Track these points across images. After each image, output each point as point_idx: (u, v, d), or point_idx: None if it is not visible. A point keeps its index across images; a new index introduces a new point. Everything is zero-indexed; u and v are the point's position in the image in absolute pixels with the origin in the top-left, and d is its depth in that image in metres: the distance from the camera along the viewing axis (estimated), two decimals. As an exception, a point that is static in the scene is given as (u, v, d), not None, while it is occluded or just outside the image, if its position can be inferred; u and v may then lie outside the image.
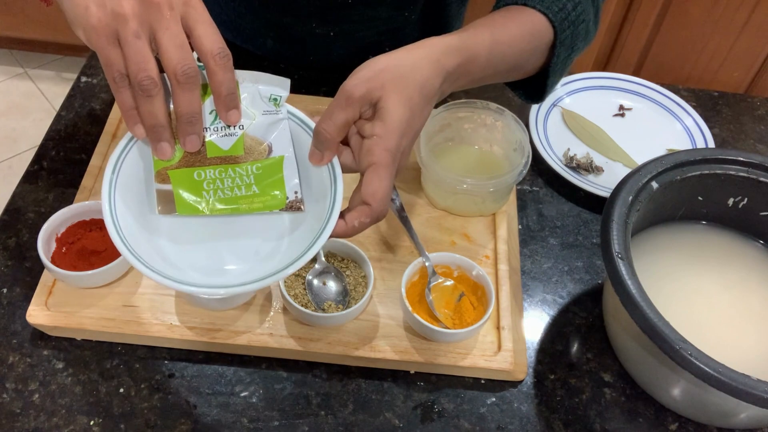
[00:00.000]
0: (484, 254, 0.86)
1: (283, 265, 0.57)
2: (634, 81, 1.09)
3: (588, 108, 1.06)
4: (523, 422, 0.75)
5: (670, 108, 1.07)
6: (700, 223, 0.84)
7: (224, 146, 0.60)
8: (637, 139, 1.03)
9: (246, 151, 0.61)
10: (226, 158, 0.60)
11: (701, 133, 1.03)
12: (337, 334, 0.77)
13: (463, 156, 0.92)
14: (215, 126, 0.60)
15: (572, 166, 0.97)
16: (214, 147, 0.60)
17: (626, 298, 0.66)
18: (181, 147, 0.59)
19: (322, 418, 0.74)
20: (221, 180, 0.60)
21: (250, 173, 0.60)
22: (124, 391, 0.74)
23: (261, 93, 0.62)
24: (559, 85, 1.07)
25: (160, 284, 0.55)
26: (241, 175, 0.60)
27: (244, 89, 0.61)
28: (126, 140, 0.60)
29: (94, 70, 1.03)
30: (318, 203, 0.61)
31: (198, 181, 0.59)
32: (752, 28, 1.70)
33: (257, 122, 0.61)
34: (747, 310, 0.78)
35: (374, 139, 0.58)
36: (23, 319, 0.77)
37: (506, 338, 0.78)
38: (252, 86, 0.61)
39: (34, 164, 0.92)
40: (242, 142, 0.61)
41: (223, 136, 0.60)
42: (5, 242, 0.84)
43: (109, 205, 0.58)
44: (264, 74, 0.61)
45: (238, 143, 0.60)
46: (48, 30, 2.23)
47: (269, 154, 0.61)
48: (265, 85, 0.62)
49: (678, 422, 0.76)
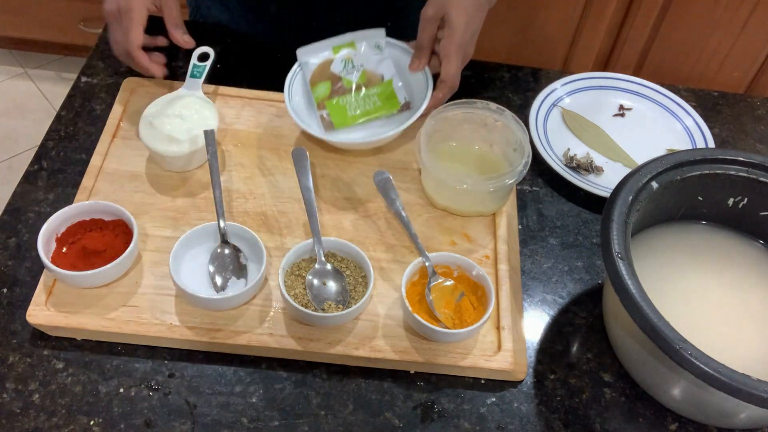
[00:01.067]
0: (484, 254, 0.86)
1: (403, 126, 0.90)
2: (634, 81, 1.09)
3: (588, 108, 1.06)
4: (523, 422, 0.75)
5: (670, 108, 1.07)
6: (700, 223, 0.84)
7: (353, 79, 0.94)
8: (637, 139, 1.03)
9: (367, 80, 0.94)
10: (357, 86, 0.94)
11: (701, 133, 1.03)
12: (337, 334, 0.77)
13: (463, 156, 0.92)
14: (347, 69, 0.94)
15: (572, 166, 0.97)
16: (348, 81, 0.94)
17: (626, 298, 0.66)
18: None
19: (322, 418, 0.74)
20: (356, 101, 0.93)
21: (373, 93, 0.94)
22: (124, 391, 0.74)
23: (368, 44, 0.95)
24: (560, 85, 1.07)
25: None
26: (368, 96, 0.94)
27: (358, 45, 0.95)
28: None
29: (94, 70, 1.03)
30: (419, 101, 0.92)
31: (342, 105, 0.93)
32: (752, 28, 1.70)
33: (370, 62, 0.95)
34: (747, 310, 0.78)
35: (445, 39, 0.89)
36: (23, 319, 0.77)
37: (506, 338, 0.78)
38: (362, 42, 0.95)
39: (34, 164, 0.92)
40: (365, 75, 0.94)
41: (352, 74, 0.94)
42: (5, 242, 0.84)
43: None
44: (367, 31, 0.94)
45: (362, 76, 0.94)
46: (48, 30, 2.22)
47: (383, 80, 0.94)
48: (370, 39, 0.95)
49: (678, 422, 0.76)
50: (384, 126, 0.94)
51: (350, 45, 0.95)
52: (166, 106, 0.90)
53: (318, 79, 0.94)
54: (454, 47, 0.88)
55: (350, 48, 0.95)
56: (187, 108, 0.90)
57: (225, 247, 0.81)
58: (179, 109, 0.89)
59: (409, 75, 0.95)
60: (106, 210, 0.81)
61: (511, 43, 1.86)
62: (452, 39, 0.88)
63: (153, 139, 0.87)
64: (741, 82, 1.83)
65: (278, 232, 0.86)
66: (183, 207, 0.87)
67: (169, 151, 0.86)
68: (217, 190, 0.83)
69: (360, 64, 0.94)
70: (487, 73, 1.10)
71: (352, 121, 0.92)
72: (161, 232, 0.85)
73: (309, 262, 0.80)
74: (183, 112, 0.89)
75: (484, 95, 1.06)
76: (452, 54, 0.89)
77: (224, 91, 1.00)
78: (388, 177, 0.86)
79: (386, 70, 0.94)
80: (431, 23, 0.89)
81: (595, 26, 1.76)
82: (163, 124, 0.87)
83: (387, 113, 0.93)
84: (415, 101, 0.94)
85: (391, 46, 0.96)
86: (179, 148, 0.87)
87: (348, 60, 0.94)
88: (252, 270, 0.81)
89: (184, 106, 0.90)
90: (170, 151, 0.86)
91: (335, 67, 0.94)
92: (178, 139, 0.87)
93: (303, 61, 0.95)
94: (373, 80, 0.94)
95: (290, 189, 0.90)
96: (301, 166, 0.85)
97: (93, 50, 1.06)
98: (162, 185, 0.89)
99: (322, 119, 0.93)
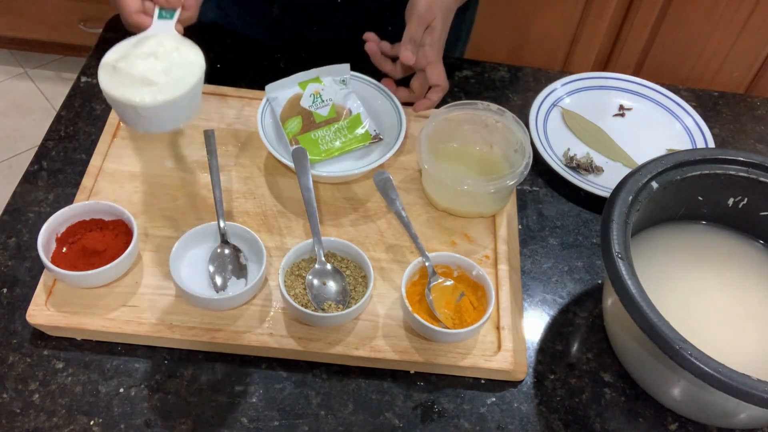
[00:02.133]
0: (484, 254, 0.86)
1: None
2: (634, 81, 1.09)
3: (588, 108, 1.06)
4: (523, 422, 0.75)
5: (670, 108, 1.07)
6: (700, 223, 0.84)
7: (323, 113, 0.94)
8: (637, 139, 1.03)
9: (337, 114, 0.94)
10: (327, 121, 0.93)
11: (701, 133, 1.03)
12: (337, 334, 0.77)
13: (463, 157, 0.92)
14: (316, 104, 0.94)
15: (572, 166, 0.97)
16: (318, 116, 0.93)
17: (626, 298, 0.66)
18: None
19: (322, 418, 0.74)
20: (328, 135, 0.92)
21: (344, 127, 0.93)
22: (124, 391, 0.74)
23: (333, 79, 0.96)
24: (560, 85, 1.07)
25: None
26: (339, 129, 0.93)
27: (324, 80, 0.95)
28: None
29: (94, 70, 1.03)
30: (390, 133, 0.94)
31: (314, 139, 0.92)
32: (752, 28, 1.70)
33: (337, 96, 0.95)
34: (747, 310, 0.78)
35: (427, 47, 0.90)
36: (23, 319, 0.77)
37: (506, 338, 0.78)
38: (328, 77, 0.95)
39: (34, 164, 0.92)
40: (334, 110, 0.94)
41: (321, 108, 0.94)
42: (5, 242, 0.84)
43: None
44: (331, 66, 0.95)
45: (331, 110, 0.94)
46: (48, 30, 2.22)
47: (351, 114, 0.94)
48: (335, 75, 0.96)
49: (678, 422, 0.76)
50: (358, 159, 0.93)
51: (316, 80, 0.95)
52: (132, 48, 0.72)
53: (288, 115, 0.93)
54: (436, 54, 0.91)
55: (317, 83, 0.95)
56: (161, 45, 0.72)
57: (225, 247, 0.81)
58: (152, 47, 0.71)
59: (377, 108, 0.96)
60: (106, 210, 0.81)
61: (511, 43, 1.86)
62: (434, 46, 0.90)
63: (120, 85, 0.68)
64: (741, 82, 1.83)
65: (278, 232, 0.86)
66: (183, 207, 0.87)
67: (143, 99, 0.67)
68: (217, 190, 0.83)
69: (329, 99, 0.94)
70: (487, 73, 1.10)
71: (327, 155, 0.91)
72: (161, 232, 0.85)
73: (309, 262, 0.80)
74: (158, 50, 0.71)
75: (484, 95, 1.06)
76: (436, 59, 0.91)
77: (224, 91, 1.00)
78: (388, 177, 0.87)
79: (353, 104, 0.94)
80: (425, 21, 0.90)
81: (595, 26, 1.76)
82: (132, 65, 0.69)
83: (359, 146, 0.93)
84: (385, 133, 0.94)
85: (356, 79, 0.97)
86: (158, 93, 0.68)
87: (316, 95, 0.94)
88: (252, 270, 0.81)
89: (158, 44, 0.73)
90: (145, 100, 0.67)
91: (305, 101, 0.94)
92: (155, 81, 0.68)
93: (272, 97, 0.94)
94: (342, 114, 0.94)
95: (290, 189, 0.90)
96: (301, 166, 0.85)
97: (93, 50, 1.06)
98: (162, 185, 0.89)
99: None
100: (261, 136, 0.89)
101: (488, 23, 1.81)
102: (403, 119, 0.93)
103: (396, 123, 0.94)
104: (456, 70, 1.09)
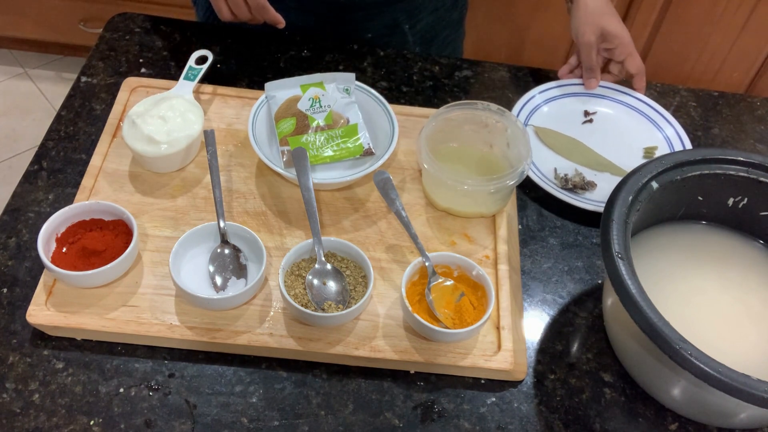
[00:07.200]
0: (485, 254, 0.86)
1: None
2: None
3: (558, 120, 1.04)
4: (523, 422, 0.75)
5: (630, 104, 1.06)
6: (700, 223, 0.84)
7: (320, 119, 0.93)
8: (612, 142, 1.02)
9: (333, 121, 0.93)
10: (322, 127, 0.92)
11: (666, 120, 1.03)
12: (337, 334, 0.77)
13: (464, 157, 0.92)
14: (314, 108, 0.93)
15: (568, 188, 0.95)
16: (313, 120, 0.92)
17: (626, 298, 0.66)
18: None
19: (322, 418, 0.74)
20: (319, 141, 0.92)
21: (338, 135, 0.92)
22: (124, 391, 0.74)
23: (337, 87, 0.95)
24: (521, 105, 1.04)
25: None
26: (332, 137, 0.92)
27: (327, 86, 0.95)
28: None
29: (94, 70, 1.03)
30: (383, 148, 0.92)
31: (305, 143, 0.91)
32: (752, 28, 1.70)
33: (337, 104, 0.94)
34: (747, 310, 0.78)
35: (618, 48, 1.02)
36: (23, 319, 0.77)
37: (506, 338, 0.78)
38: (332, 84, 0.95)
39: (34, 164, 0.92)
40: (330, 117, 0.93)
41: (318, 114, 0.93)
42: (5, 242, 0.84)
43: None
44: (337, 74, 0.96)
45: (328, 117, 0.93)
46: (48, 30, 2.22)
47: (348, 123, 0.93)
48: (339, 82, 0.96)
49: (678, 422, 0.76)
50: (346, 168, 0.92)
51: (319, 85, 0.94)
52: (152, 107, 0.90)
53: (283, 115, 0.92)
54: (630, 47, 1.03)
55: (318, 88, 0.94)
56: (172, 110, 0.90)
57: (225, 247, 0.81)
58: (164, 110, 0.89)
59: (374, 121, 0.95)
60: (106, 210, 0.81)
61: (511, 43, 1.86)
62: (624, 43, 1.02)
63: (132, 138, 0.87)
64: (741, 82, 1.83)
65: (278, 232, 0.86)
66: (183, 207, 0.87)
67: (146, 151, 0.87)
68: (217, 190, 0.83)
69: (327, 105, 0.93)
70: (487, 73, 1.10)
71: (314, 162, 0.90)
72: (161, 232, 0.85)
73: (309, 262, 0.80)
74: (167, 114, 0.89)
75: (484, 95, 1.06)
76: (633, 51, 1.03)
77: (224, 91, 1.00)
78: (388, 177, 0.87)
79: (352, 114, 0.94)
80: (593, 45, 1.02)
81: (595, 26, 1.76)
82: (144, 123, 0.87)
83: (348, 157, 0.91)
84: (378, 148, 0.92)
85: (360, 90, 0.96)
86: (156, 149, 0.87)
87: (315, 99, 0.93)
88: (252, 270, 0.81)
89: (170, 107, 0.90)
90: (147, 152, 0.87)
91: (302, 104, 0.93)
92: (157, 140, 0.87)
93: (270, 95, 0.94)
94: (338, 122, 0.93)
95: (290, 189, 0.90)
96: (301, 166, 0.85)
97: (93, 50, 1.06)
98: (162, 185, 0.89)
99: (282, 154, 0.90)
100: (250, 136, 0.89)
101: (488, 23, 1.81)
102: (395, 134, 0.91)
103: (387, 137, 0.92)
104: (456, 70, 1.09)
